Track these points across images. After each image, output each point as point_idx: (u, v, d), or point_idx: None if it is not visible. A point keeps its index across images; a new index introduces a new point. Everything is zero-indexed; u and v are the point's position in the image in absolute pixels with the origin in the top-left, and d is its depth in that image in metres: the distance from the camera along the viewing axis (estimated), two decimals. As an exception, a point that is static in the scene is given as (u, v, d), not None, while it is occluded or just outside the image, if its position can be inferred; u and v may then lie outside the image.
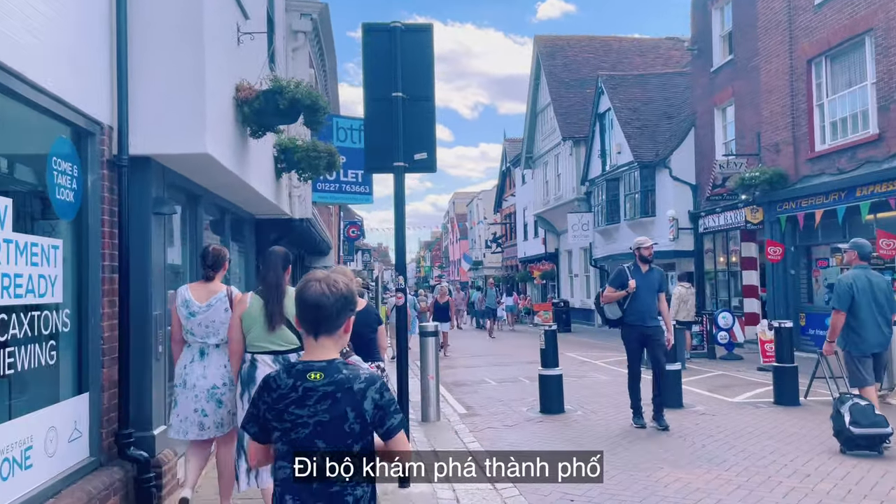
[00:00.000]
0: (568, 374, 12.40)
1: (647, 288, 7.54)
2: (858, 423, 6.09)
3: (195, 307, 4.58)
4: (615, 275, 7.88)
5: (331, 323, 2.18)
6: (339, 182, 10.46)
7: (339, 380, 2.11)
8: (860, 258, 6.63)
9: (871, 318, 6.39)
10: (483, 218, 51.06)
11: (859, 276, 6.49)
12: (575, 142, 27.20)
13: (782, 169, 15.41)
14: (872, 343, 6.44)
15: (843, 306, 6.42)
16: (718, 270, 19.12)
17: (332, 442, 2.09)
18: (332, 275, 2.24)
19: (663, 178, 20.59)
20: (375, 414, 2.12)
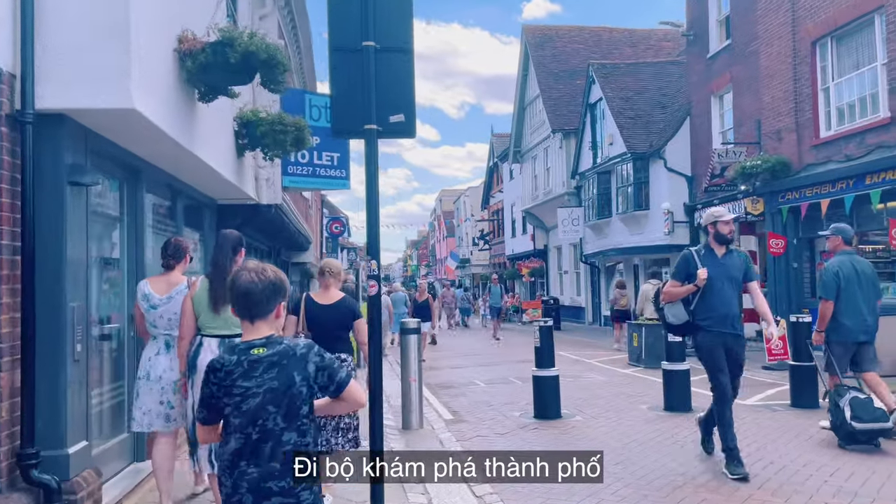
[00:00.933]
0: (562, 375, 11.50)
1: (724, 278, 5.45)
2: (860, 417, 5.91)
3: (156, 300, 4.54)
4: (679, 263, 5.73)
5: (261, 308, 2.40)
6: (312, 165, 9.52)
7: (281, 349, 2.35)
8: (844, 243, 6.53)
9: (855, 305, 6.30)
10: (470, 215, 50.21)
11: (844, 263, 6.39)
12: (565, 134, 26.39)
13: (785, 157, 14.64)
14: (855, 330, 6.32)
15: (831, 295, 6.34)
16: (715, 265, 18.35)
17: (282, 406, 2.32)
18: (261, 264, 2.45)
19: (657, 170, 19.80)
20: (320, 375, 2.38)
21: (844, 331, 6.36)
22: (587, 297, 27.06)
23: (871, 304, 6.39)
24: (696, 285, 5.44)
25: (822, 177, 13.52)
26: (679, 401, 7.92)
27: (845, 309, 6.32)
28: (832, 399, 6.25)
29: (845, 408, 6.03)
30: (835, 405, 6.17)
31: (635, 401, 8.86)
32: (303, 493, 2.32)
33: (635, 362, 13.04)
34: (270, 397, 2.30)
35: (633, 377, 11.31)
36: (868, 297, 6.37)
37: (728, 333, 5.45)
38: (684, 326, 5.69)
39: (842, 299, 6.31)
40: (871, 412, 5.97)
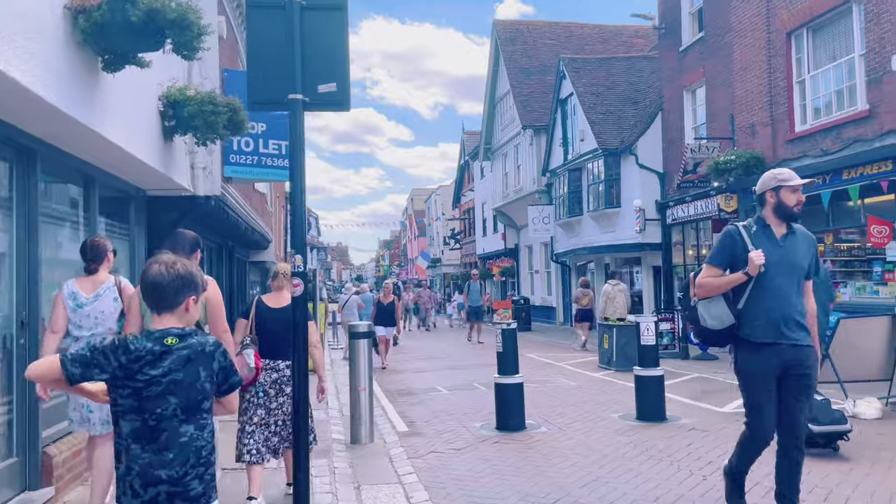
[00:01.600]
0: (529, 380, 10.87)
1: (784, 268, 3.90)
2: (818, 420, 5.70)
3: (82, 298, 4.38)
4: (722, 240, 4.11)
5: (168, 301, 2.46)
6: (257, 154, 8.75)
7: (192, 343, 2.41)
8: None
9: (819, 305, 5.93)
10: (441, 214, 49.52)
11: None
12: (535, 130, 25.83)
13: (759, 152, 14.21)
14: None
15: None
16: (688, 264, 17.90)
17: (184, 398, 2.36)
18: (173, 258, 2.52)
19: (629, 167, 19.31)
20: (220, 373, 2.46)
21: None
22: (558, 297, 26.55)
23: (823, 306, 6.27)
24: (746, 273, 3.85)
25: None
26: (652, 409, 7.32)
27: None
28: None
29: None
30: None
31: (606, 409, 8.25)
32: (192, 482, 2.35)
33: (606, 365, 12.48)
34: (174, 388, 2.34)
35: (604, 382, 10.73)
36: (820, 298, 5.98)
37: (785, 346, 3.83)
38: (728, 333, 3.97)
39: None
40: (829, 414, 5.76)
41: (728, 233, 4.10)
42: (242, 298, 17.12)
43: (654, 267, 19.45)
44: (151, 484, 2.29)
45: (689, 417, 7.50)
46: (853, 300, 12.49)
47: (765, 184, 4.24)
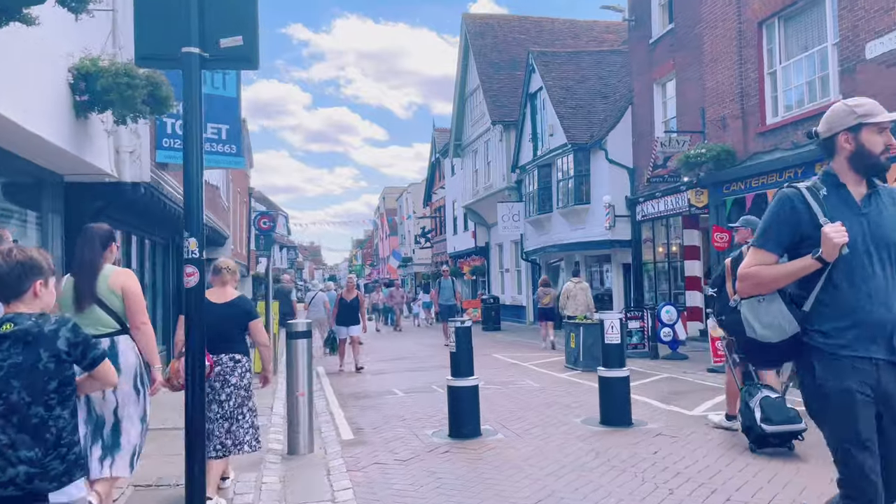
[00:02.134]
0: (491, 381, 10.39)
1: (873, 244, 2.59)
2: (771, 419, 5.48)
3: None
4: (775, 210, 2.73)
5: (13, 288, 2.49)
6: (194, 139, 8.09)
7: (27, 326, 2.43)
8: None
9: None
10: (412, 212, 48.86)
11: None
12: (505, 126, 25.34)
13: (729, 146, 13.84)
14: None
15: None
16: (658, 261, 17.53)
17: (27, 381, 2.40)
18: (11, 247, 2.58)
19: (598, 162, 18.90)
20: (73, 350, 2.48)
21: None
22: (528, 297, 26.07)
23: None
24: (820, 259, 2.54)
25: (769, 166, 12.73)
26: (617, 413, 6.80)
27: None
28: (743, 399, 5.82)
29: (755, 408, 5.58)
30: (745, 405, 5.72)
31: (569, 412, 7.72)
32: (52, 462, 2.41)
33: (572, 365, 11.98)
34: (14, 372, 2.38)
35: (570, 383, 10.22)
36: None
37: (883, 362, 2.53)
38: (789, 347, 2.65)
39: None
40: (783, 413, 5.51)
41: (785, 198, 2.71)
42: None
43: (624, 264, 19.06)
44: (12, 464, 2.35)
45: (656, 421, 7.00)
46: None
47: (836, 121, 2.76)
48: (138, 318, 4.01)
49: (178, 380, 4.44)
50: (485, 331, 23.04)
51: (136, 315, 4.01)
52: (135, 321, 4.00)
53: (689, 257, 16.01)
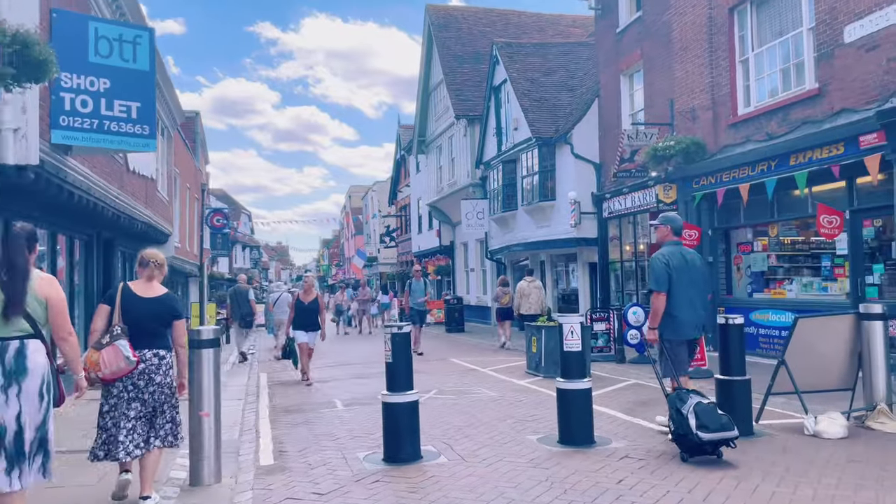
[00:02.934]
0: (445, 390, 9.50)
1: None
2: (707, 426, 5.25)
3: None
4: None
5: None
6: (98, 116, 7.00)
7: None
8: (673, 233, 6.21)
9: (687, 299, 5.97)
10: (378, 211, 47.79)
11: (674, 254, 6.05)
12: (469, 120, 24.49)
13: (699, 138, 13.15)
14: (689, 326, 6.01)
15: (663, 287, 5.95)
16: (625, 260, 16.82)
17: None
18: None
19: (564, 157, 18.13)
20: None
21: (679, 326, 5.97)
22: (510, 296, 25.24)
23: (703, 298, 6.11)
24: None
25: (741, 159, 12.04)
26: (578, 431, 5.95)
27: (678, 302, 5.95)
28: (673, 405, 5.50)
29: (689, 415, 5.30)
30: (676, 412, 5.42)
31: (525, 427, 6.86)
32: None
33: (533, 371, 11.16)
34: None
35: (529, 391, 9.37)
36: (700, 290, 6.06)
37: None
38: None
39: (674, 292, 5.93)
40: (718, 420, 5.29)
41: None
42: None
43: (590, 263, 18.34)
44: None
45: (621, 439, 6.17)
46: (800, 297, 11.51)
47: None
48: (64, 329, 3.86)
49: (94, 372, 4.41)
50: (448, 332, 22.18)
51: (61, 327, 3.85)
52: (61, 332, 3.85)
53: (658, 256, 15.30)
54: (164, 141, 15.67)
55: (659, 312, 5.95)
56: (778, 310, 11.75)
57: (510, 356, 14.08)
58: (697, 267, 6.12)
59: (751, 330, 12.28)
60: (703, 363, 10.41)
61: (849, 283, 10.43)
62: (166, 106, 15.07)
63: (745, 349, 6.72)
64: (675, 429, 5.38)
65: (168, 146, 16.10)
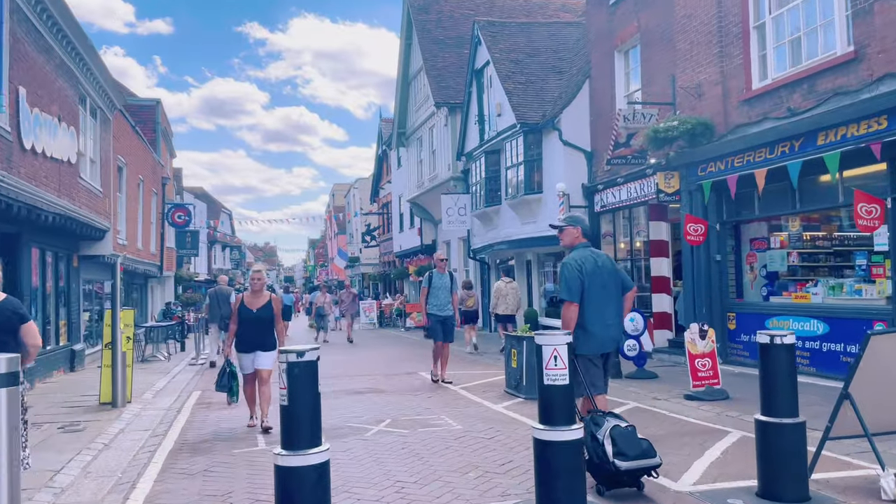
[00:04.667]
0: (401, 419, 7.65)
1: None
2: (625, 454, 4.62)
3: None
4: None
5: None
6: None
7: None
8: (583, 235, 5.62)
9: (601, 308, 5.31)
10: (359, 209, 45.88)
11: (586, 258, 5.40)
12: (450, 109, 22.68)
13: (707, 117, 11.40)
14: (603, 339, 5.34)
15: (575, 296, 5.27)
16: (620, 259, 15.04)
17: None
18: None
19: (552, 145, 16.36)
20: None
21: (593, 340, 5.29)
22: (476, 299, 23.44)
23: (617, 306, 5.46)
24: None
25: (756, 139, 10.30)
26: (567, 499, 4.12)
27: (592, 313, 5.29)
28: (588, 427, 4.84)
29: (605, 441, 4.72)
30: (591, 438, 4.79)
31: (493, 488, 5.04)
32: None
33: (513, 390, 9.35)
34: None
35: (505, 421, 7.56)
36: (614, 297, 5.43)
37: None
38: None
39: (587, 302, 5.30)
40: (637, 445, 4.73)
41: None
42: (66, 301, 13.32)
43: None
44: None
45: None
46: (827, 301, 9.76)
47: None
48: None
49: None
50: (427, 338, 20.29)
51: None
52: None
53: (656, 254, 13.55)
54: (96, 124, 13.75)
55: (570, 324, 5.22)
56: (801, 316, 10.00)
57: (488, 368, 12.27)
58: (610, 271, 5.46)
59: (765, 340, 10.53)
60: (716, 381, 8.65)
61: (890, 285, 8.69)
62: (96, 83, 13.16)
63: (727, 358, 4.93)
64: (590, 457, 4.73)
65: (102, 129, 14.18)
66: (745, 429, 6.67)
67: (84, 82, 12.22)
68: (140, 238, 19.97)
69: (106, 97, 14.00)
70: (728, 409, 7.73)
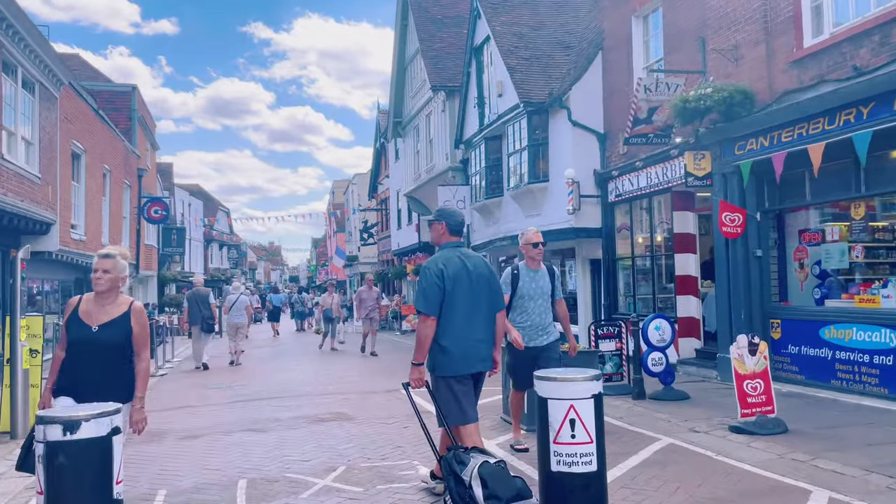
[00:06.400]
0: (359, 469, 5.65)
1: None
2: (498, 497, 3.87)
3: None
4: None
5: None
6: None
7: None
8: (450, 233, 4.78)
9: (463, 321, 4.51)
10: (357, 205, 44.03)
11: (450, 261, 4.61)
12: (448, 93, 20.80)
13: (746, 84, 9.49)
14: (468, 357, 4.51)
15: (433, 308, 4.45)
16: (638, 255, 13.14)
17: None
18: None
19: (559, 126, 14.46)
20: None
21: (451, 360, 4.45)
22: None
23: (488, 318, 4.60)
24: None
25: (811, 107, 8.39)
26: None
27: (452, 328, 4.45)
28: (448, 469, 4.06)
29: (474, 483, 3.91)
30: (455, 480, 3.98)
31: None
32: None
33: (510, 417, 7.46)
34: None
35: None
36: (484, 308, 4.59)
37: None
38: None
39: (448, 313, 4.44)
40: (511, 485, 3.94)
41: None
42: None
43: (592, 260, 14.68)
44: None
45: None
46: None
47: None
48: None
49: None
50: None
51: None
52: None
53: (682, 249, 11.65)
54: (33, 99, 11.94)
55: (425, 342, 4.50)
56: (866, 324, 8.11)
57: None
58: (484, 276, 4.70)
59: (822, 353, 8.67)
60: (770, 408, 6.77)
61: None
62: (29, 51, 11.34)
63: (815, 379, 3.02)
64: (453, 499, 3.99)
65: (43, 106, 12.36)
66: (826, 484, 4.83)
67: (9, 45, 10.40)
68: (107, 234, 18.18)
69: (46, 70, 12.18)
70: (792, 450, 5.86)
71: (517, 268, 6.09)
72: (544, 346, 5.99)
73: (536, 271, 6.08)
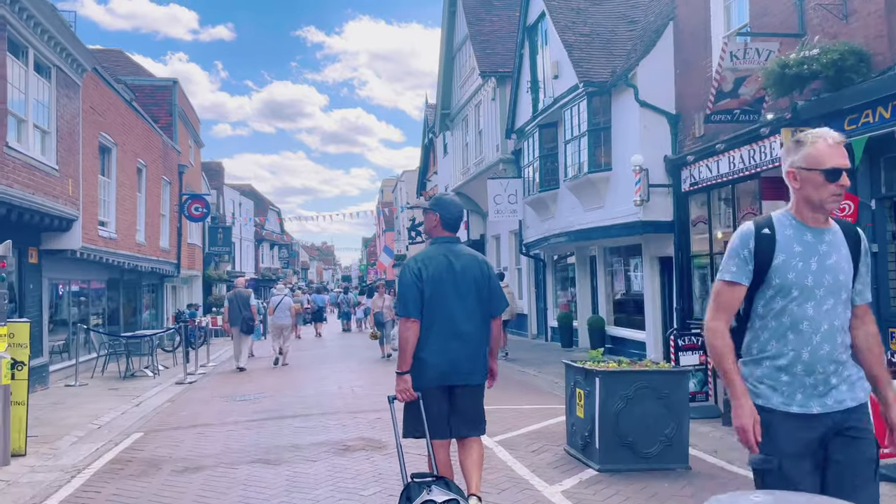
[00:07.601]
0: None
1: None
2: None
3: None
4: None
5: None
6: None
7: None
8: (444, 226, 4.22)
9: (443, 327, 3.97)
10: (406, 203, 43.02)
11: (433, 259, 4.05)
12: (499, 79, 19.42)
13: (859, 45, 7.84)
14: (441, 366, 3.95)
15: (413, 310, 3.95)
16: (716, 254, 11.49)
17: None
18: None
19: (624, 107, 12.92)
20: None
21: (425, 370, 3.96)
22: (531, 302, 20.20)
23: (476, 323, 4.03)
24: None
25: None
26: None
27: (428, 334, 3.97)
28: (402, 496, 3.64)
29: None
30: None
31: None
32: None
33: (579, 452, 6.04)
34: None
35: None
36: (472, 314, 4.00)
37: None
38: None
39: (428, 317, 3.94)
40: None
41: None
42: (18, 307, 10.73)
43: (662, 258, 13.09)
44: None
45: None
46: None
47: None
48: None
49: None
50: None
51: None
52: None
53: (772, 245, 9.96)
54: (49, 85, 11.07)
55: (408, 348, 3.90)
56: None
57: (543, 398, 8.99)
58: (474, 277, 4.02)
59: (965, 370, 6.89)
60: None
61: None
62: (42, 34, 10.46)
63: None
64: None
65: (62, 94, 11.49)
66: None
67: (14, 22, 9.50)
68: (143, 232, 17.44)
69: (64, 54, 11.30)
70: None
71: (769, 223, 2.63)
72: (844, 414, 2.51)
73: (823, 231, 2.61)
